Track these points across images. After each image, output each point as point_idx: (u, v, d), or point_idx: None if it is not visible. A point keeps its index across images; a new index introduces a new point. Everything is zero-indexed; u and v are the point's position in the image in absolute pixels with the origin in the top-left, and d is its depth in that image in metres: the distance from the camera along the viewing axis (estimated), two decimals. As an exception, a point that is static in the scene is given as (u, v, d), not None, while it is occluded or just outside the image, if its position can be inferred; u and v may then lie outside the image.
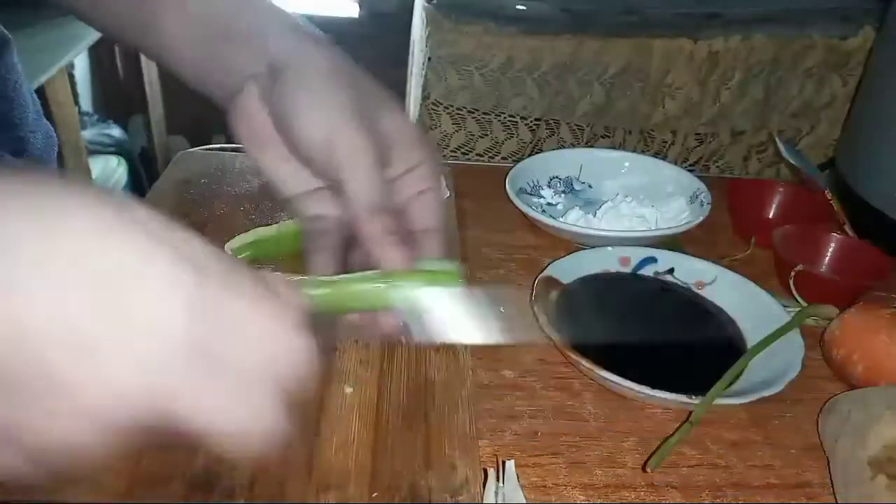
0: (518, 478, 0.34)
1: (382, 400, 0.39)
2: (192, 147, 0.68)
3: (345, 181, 0.37)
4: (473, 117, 0.95)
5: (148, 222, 0.22)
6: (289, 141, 0.39)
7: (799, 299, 0.49)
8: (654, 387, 0.38)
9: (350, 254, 0.42)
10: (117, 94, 2.09)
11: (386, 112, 0.39)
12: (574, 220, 0.58)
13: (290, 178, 0.41)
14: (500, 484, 0.34)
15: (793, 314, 0.45)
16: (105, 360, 0.20)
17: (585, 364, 0.40)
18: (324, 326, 0.38)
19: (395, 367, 0.42)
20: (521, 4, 0.91)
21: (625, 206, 0.59)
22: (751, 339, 0.45)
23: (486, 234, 0.57)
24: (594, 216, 0.59)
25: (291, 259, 0.51)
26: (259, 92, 0.39)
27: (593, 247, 0.52)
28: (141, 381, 0.21)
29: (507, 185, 0.58)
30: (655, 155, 0.97)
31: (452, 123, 0.93)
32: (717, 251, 0.56)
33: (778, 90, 0.95)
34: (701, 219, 0.55)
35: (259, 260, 0.50)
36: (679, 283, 0.50)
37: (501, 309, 0.48)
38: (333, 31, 0.40)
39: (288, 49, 0.38)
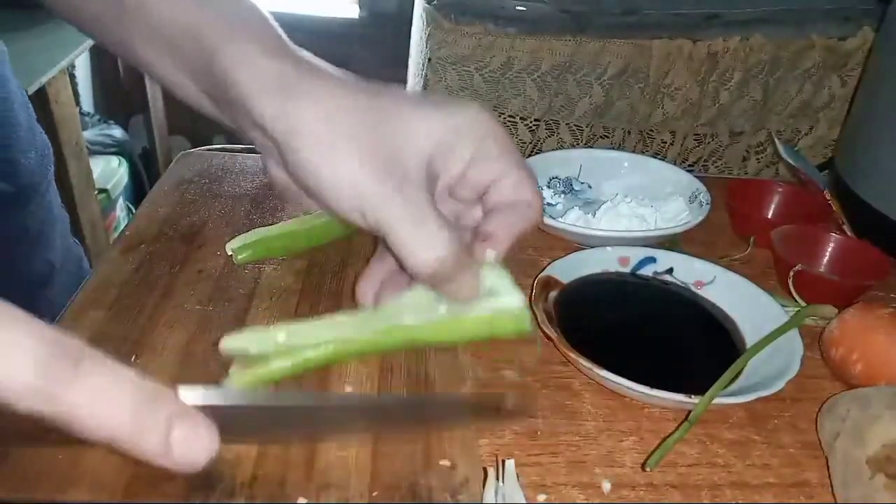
0: (518, 477, 0.35)
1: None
2: (193, 147, 0.68)
3: (392, 246, 0.34)
4: (473, 118, 0.95)
5: None
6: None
7: (798, 299, 0.49)
8: (653, 386, 0.38)
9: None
10: (118, 95, 2.09)
11: (410, 119, 0.34)
12: (573, 221, 0.58)
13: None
14: (500, 483, 0.34)
15: (791, 314, 0.46)
16: None
17: (585, 363, 0.40)
18: None
19: (395, 366, 0.42)
20: (521, 5, 0.91)
21: (624, 206, 0.59)
22: (749, 339, 0.45)
23: (486, 234, 0.57)
24: (593, 216, 0.59)
25: (291, 259, 0.51)
26: (278, 165, 0.36)
27: (593, 247, 0.52)
28: None
29: (506, 186, 0.58)
30: (654, 155, 0.97)
31: (452, 124, 0.93)
32: (716, 251, 0.56)
33: (777, 90, 0.95)
34: (700, 219, 0.55)
35: (259, 260, 0.50)
36: (678, 282, 0.50)
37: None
38: (334, 32, 0.40)
39: (279, 112, 0.33)
